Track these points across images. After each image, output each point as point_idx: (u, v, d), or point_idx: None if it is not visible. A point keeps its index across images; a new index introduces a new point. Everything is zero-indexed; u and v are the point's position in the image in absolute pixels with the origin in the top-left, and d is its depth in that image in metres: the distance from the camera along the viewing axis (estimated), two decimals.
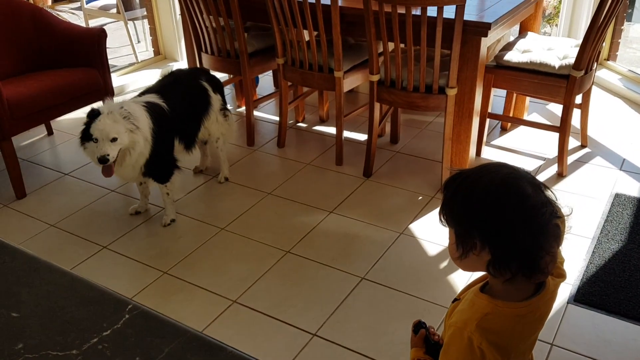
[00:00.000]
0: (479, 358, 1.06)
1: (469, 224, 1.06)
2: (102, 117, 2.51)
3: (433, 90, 2.86)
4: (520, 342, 1.11)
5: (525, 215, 1.01)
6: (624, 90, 4.03)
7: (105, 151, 2.51)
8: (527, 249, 1.01)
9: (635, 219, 2.74)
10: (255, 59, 3.50)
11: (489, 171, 1.07)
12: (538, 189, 1.05)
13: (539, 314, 1.11)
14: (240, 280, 2.48)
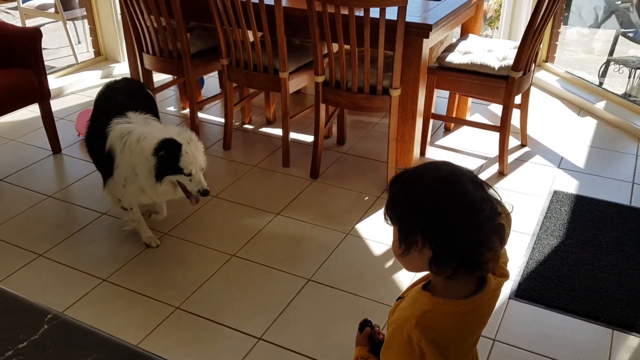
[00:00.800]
0: (417, 356, 1.06)
1: (410, 221, 1.06)
2: (187, 147, 2.35)
3: (377, 91, 2.88)
4: (460, 340, 1.11)
5: (465, 211, 1.02)
6: (561, 91, 4.17)
7: (205, 183, 2.40)
8: (467, 245, 1.02)
9: (573, 215, 2.83)
10: (198, 60, 3.44)
11: (431, 169, 1.08)
12: (479, 186, 1.06)
13: (480, 313, 1.12)
14: (183, 286, 2.42)
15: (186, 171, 2.35)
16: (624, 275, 2.42)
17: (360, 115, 3.95)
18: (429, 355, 1.06)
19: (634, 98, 4.24)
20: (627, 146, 3.51)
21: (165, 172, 2.37)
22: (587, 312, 2.24)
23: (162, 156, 2.34)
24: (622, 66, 4.51)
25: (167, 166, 2.35)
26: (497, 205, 1.06)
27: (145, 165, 2.38)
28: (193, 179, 2.38)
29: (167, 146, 2.33)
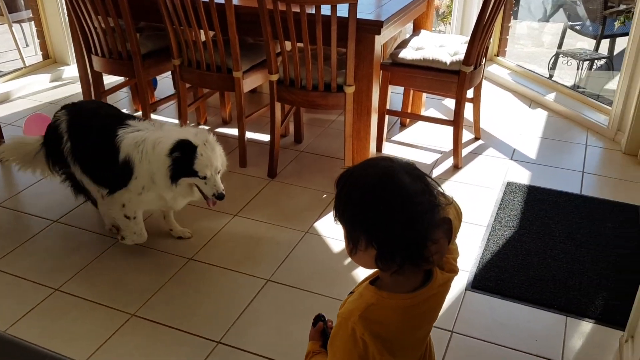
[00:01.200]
0: (361, 349, 1.06)
1: (352, 220, 1.06)
2: (202, 149, 2.26)
3: (332, 88, 2.87)
4: (405, 335, 1.12)
5: (401, 205, 1.02)
6: (513, 84, 4.26)
7: (221, 186, 2.32)
8: (409, 239, 1.02)
9: (526, 206, 2.89)
10: (149, 61, 3.37)
11: (369, 166, 1.08)
12: (418, 179, 1.05)
13: (426, 307, 1.12)
14: (139, 292, 2.37)
15: (201, 174, 2.28)
16: (575, 262, 2.48)
17: (316, 113, 3.94)
18: (372, 348, 1.06)
19: (583, 89, 4.36)
20: (577, 136, 3.61)
21: (181, 174, 2.29)
22: (541, 300, 2.29)
23: (177, 158, 2.27)
24: (570, 58, 4.64)
25: (182, 168, 2.28)
26: (438, 197, 1.06)
27: (162, 169, 2.30)
28: (208, 182, 2.31)
29: (182, 147, 2.26)
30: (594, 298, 2.28)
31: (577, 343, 2.10)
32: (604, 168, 3.26)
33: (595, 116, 3.71)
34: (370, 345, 1.05)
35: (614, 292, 2.31)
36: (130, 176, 2.36)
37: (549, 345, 2.09)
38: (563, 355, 2.05)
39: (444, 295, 1.15)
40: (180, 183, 2.32)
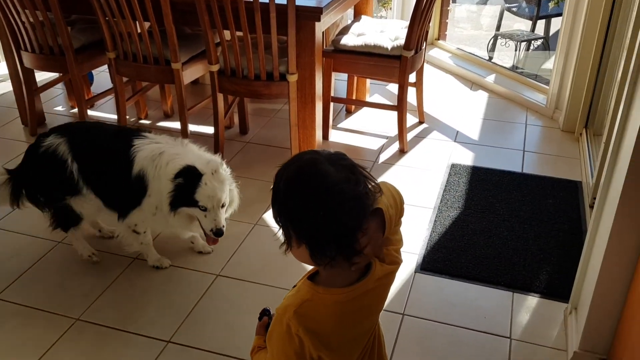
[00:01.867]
0: (297, 345, 1.05)
1: (279, 216, 1.05)
2: (207, 178, 2.07)
3: (274, 77, 2.83)
4: (344, 329, 1.09)
5: (322, 195, 0.99)
6: (454, 67, 4.32)
7: (221, 221, 2.12)
8: (335, 230, 1.00)
9: (470, 186, 2.94)
10: (83, 55, 3.23)
11: (294, 161, 1.06)
12: (343, 168, 1.02)
13: (365, 302, 1.10)
14: (82, 296, 2.28)
15: (201, 205, 2.09)
16: (520, 239, 2.54)
17: (261, 103, 3.89)
18: (308, 344, 1.05)
19: (521, 70, 4.47)
20: (517, 116, 3.70)
21: (181, 202, 2.11)
22: (488, 278, 2.34)
23: (180, 184, 2.09)
24: (508, 40, 4.74)
25: (183, 196, 2.10)
26: (366, 186, 1.03)
27: (164, 192, 2.13)
28: (208, 215, 2.11)
29: (186, 174, 2.07)
30: (538, 273, 2.35)
31: (524, 317, 2.15)
32: (544, 146, 3.36)
33: (533, 96, 3.80)
34: (305, 341, 1.04)
35: (557, 267, 2.38)
36: (144, 194, 2.18)
37: (497, 322, 2.14)
38: (511, 331, 2.10)
39: (386, 289, 1.14)
40: (180, 212, 2.15)
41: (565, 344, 2.02)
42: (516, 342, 2.05)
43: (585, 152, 3.12)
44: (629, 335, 1.70)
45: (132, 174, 2.16)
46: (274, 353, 1.09)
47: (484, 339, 2.07)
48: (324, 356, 1.07)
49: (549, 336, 2.07)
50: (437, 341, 2.06)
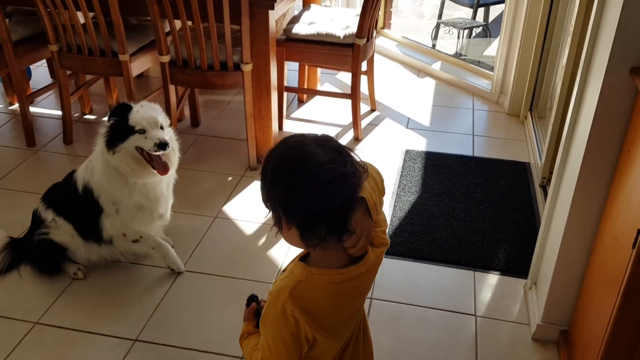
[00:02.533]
0: (293, 326, 1.05)
1: (268, 199, 1.06)
2: (137, 108, 2.04)
3: (228, 67, 2.79)
4: (336, 310, 1.11)
5: (309, 176, 1.00)
6: (400, 55, 4.38)
7: (162, 135, 2.02)
8: (324, 210, 1.01)
9: (425, 171, 3.00)
10: (23, 48, 3.07)
11: (280, 145, 1.06)
12: (329, 149, 1.03)
13: (357, 283, 1.11)
14: (40, 298, 2.19)
15: (138, 128, 2.01)
16: (476, 220, 2.62)
17: (212, 95, 3.83)
18: (304, 324, 1.05)
19: (465, 57, 4.59)
20: (464, 102, 3.80)
21: (117, 138, 2.03)
22: (449, 259, 2.40)
23: (113, 124, 2.05)
24: (451, 28, 4.85)
25: (118, 132, 2.03)
26: (352, 166, 1.04)
27: (100, 144, 2.09)
28: (148, 135, 2.02)
29: (117, 110, 2.04)
30: (497, 251, 2.43)
31: (487, 295, 2.23)
32: (491, 130, 3.47)
33: (479, 82, 3.92)
34: (301, 322, 1.05)
35: (513, 245, 2.48)
36: (94, 198, 2.16)
37: (461, 300, 2.20)
38: (475, 308, 2.17)
39: (375, 270, 1.15)
40: (121, 153, 2.04)
41: (527, 318, 2.11)
42: (481, 319, 2.12)
43: (531, 135, 3.25)
44: (588, 306, 1.79)
45: (80, 192, 2.17)
46: (268, 336, 1.09)
47: (450, 318, 2.13)
48: (319, 336, 1.07)
49: (512, 311, 2.15)
50: (406, 322, 2.11)
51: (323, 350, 1.12)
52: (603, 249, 1.69)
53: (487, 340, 2.03)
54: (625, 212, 1.53)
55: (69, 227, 2.25)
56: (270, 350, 1.09)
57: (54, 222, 2.24)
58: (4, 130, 3.41)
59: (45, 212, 2.25)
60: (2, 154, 3.17)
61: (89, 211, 2.19)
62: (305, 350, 1.10)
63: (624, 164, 1.60)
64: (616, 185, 1.64)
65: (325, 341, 1.09)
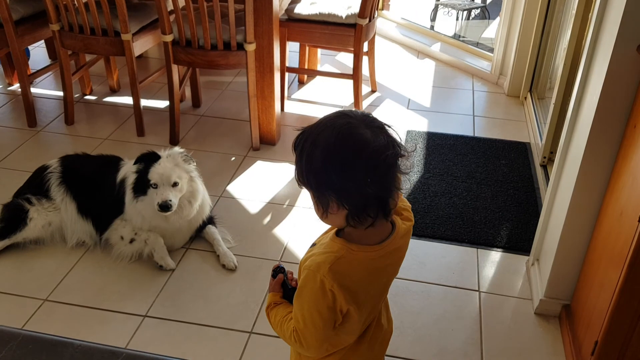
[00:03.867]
0: (330, 300, 1.07)
1: (318, 185, 1.03)
2: (163, 160, 2.16)
3: (232, 47, 2.79)
4: (370, 285, 1.13)
5: (367, 164, 0.99)
6: (400, 37, 4.39)
7: (167, 196, 2.11)
8: (380, 195, 1.01)
9: (427, 151, 3.03)
10: (23, 27, 3.05)
11: (326, 126, 1.03)
12: (378, 130, 1.02)
13: (390, 260, 1.12)
14: (48, 276, 2.20)
15: (152, 182, 2.15)
16: (478, 199, 2.66)
17: (212, 76, 3.82)
18: (340, 299, 1.07)
19: (464, 38, 4.60)
20: (464, 83, 3.82)
21: (140, 189, 2.19)
22: (452, 236, 2.44)
23: (138, 170, 2.20)
24: (450, 9, 4.85)
25: (139, 182, 2.19)
26: (400, 148, 1.04)
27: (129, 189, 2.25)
28: (158, 191, 2.15)
29: (144, 158, 2.18)
30: (499, 229, 2.47)
31: (490, 271, 2.27)
32: (491, 110, 3.49)
33: (478, 63, 3.93)
34: (338, 297, 1.06)
35: (515, 222, 2.52)
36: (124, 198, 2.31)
37: (465, 276, 2.24)
38: (479, 284, 2.21)
39: (406, 246, 1.17)
40: (143, 201, 2.20)
41: (529, 293, 2.15)
42: (485, 295, 2.16)
43: (531, 115, 3.28)
44: (591, 281, 1.83)
45: (117, 181, 2.31)
46: (304, 308, 1.10)
47: (454, 293, 2.17)
48: (352, 310, 1.09)
49: (514, 287, 2.19)
50: (411, 298, 2.14)
51: (353, 323, 1.14)
52: (607, 224, 1.73)
53: (491, 315, 2.07)
54: (630, 186, 1.57)
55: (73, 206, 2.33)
56: (305, 321, 1.11)
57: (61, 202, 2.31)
58: (4, 110, 3.40)
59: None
60: (3, 134, 3.16)
61: (111, 202, 2.28)
62: (339, 322, 1.12)
63: (630, 139, 1.63)
64: (622, 160, 1.67)
65: (357, 315, 1.11)
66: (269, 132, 3.03)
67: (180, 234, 2.32)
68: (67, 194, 2.36)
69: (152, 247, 2.26)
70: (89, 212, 2.35)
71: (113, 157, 2.42)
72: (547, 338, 1.98)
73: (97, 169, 2.40)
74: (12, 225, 2.30)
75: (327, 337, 1.12)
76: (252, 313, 2.06)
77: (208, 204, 2.37)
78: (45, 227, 2.33)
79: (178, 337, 1.97)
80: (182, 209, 2.21)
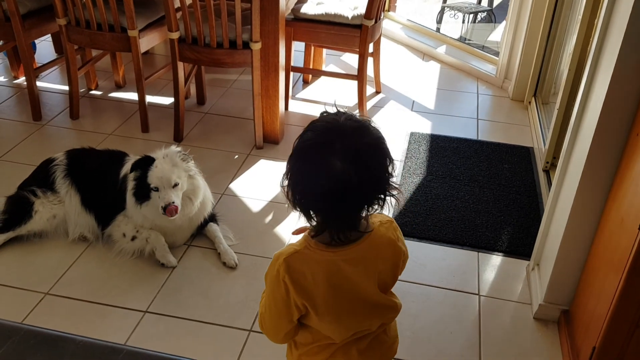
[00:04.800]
0: (282, 290, 1.10)
1: (294, 199, 1.08)
2: (159, 162, 2.14)
3: (237, 45, 2.79)
4: (330, 290, 1.10)
5: (332, 188, 1.02)
6: (405, 38, 4.39)
7: (170, 198, 2.11)
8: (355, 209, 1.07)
9: (430, 153, 3.03)
10: (30, 21, 3.07)
11: (308, 129, 1.09)
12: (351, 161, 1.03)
13: (359, 270, 1.11)
14: (50, 270, 2.22)
15: (153, 186, 2.13)
16: (480, 202, 2.66)
17: (217, 73, 3.83)
18: (293, 293, 1.10)
19: (469, 41, 4.60)
20: (468, 86, 3.82)
21: (142, 195, 2.18)
22: (454, 239, 2.44)
23: (136, 176, 2.19)
24: (456, 12, 4.85)
25: (139, 187, 2.18)
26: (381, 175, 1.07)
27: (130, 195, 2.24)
28: (160, 194, 2.14)
29: (140, 162, 2.17)
30: (500, 233, 2.47)
31: (490, 275, 2.27)
32: (496, 114, 3.49)
33: (483, 66, 3.93)
34: (290, 290, 1.09)
35: (517, 227, 2.52)
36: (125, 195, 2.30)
37: (465, 280, 2.25)
38: (479, 287, 2.21)
39: (382, 259, 1.14)
40: (147, 206, 2.19)
41: (529, 298, 2.16)
42: (484, 298, 2.16)
43: (535, 120, 3.28)
44: (591, 286, 1.83)
45: (119, 177, 2.31)
46: (266, 293, 1.17)
47: (454, 296, 2.17)
48: (308, 306, 1.11)
49: (514, 291, 2.20)
50: (410, 300, 2.15)
51: (315, 323, 1.14)
52: (608, 230, 1.73)
53: (490, 319, 2.08)
54: (632, 194, 1.57)
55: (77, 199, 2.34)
56: (265, 306, 1.18)
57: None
58: (10, 104, 3.42)
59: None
60: (8, 127, 3.18)
61: (114, 198, 2.29)
62: (296, 317, 1.13)
63: (632, 147, 1.63)
64: (624, 168, 1.67)
65: (316, 317, 1.11)
66: (272, 131, 3.03)
67: (181, 231, 2.32)
68: (72, 187, 2.37)
69: (153, 246, 2.27)
70: (92, 206, 2.36)
71: (119, 152, 2.43)
72: (546, 343, 1.99)
73: (102, 163, 2.41)
74: (16, 217, 2.32)
75: (281, 326, 1.16)
76: (252, 311, 2.07)
77: (210, 201, 2.37)
78: (50, 220, 2.34)
79: (178, 333, 1.98)
80: (184, 207, 2.22)
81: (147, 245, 2.28)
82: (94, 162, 2.42)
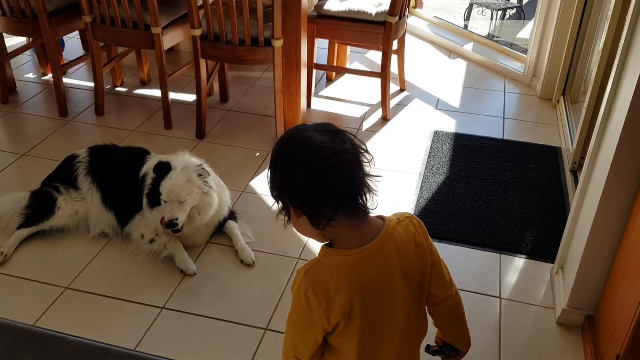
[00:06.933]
0: (305, 305, 1.08)
1: (275, 190, 1.08)
2: (175, 173, 2.11)
3: (259, 42, 2.79)
4: (360, 291, 1.08)
5: (304, 157, 1.02)
6: (432, 35, 4.33)
7: (174, 215, 2.10)
8: (326, 190, 1.02)
9: (454, 152, 2.98)
10: (57, 18, 3.11)
11: (281, 137, 1.10)
12: (328, 133, 1.05)
13: (387, 267, 1.09)
14: (70, 264, 2.24)
15: (162, 197, 2.12)
16: (504, 203, 2.60)
17: (241, 71, 3.84)
18: (314, 305, 1.07)
19: (497, 38, 4.51)
20: (495, 84, 3.74)
21: (155, 200, 2.17)
22: (475, 240, 2.39)
23: (153, 179, 2.17)
24: (484, 8, 4.76)
25: (153, 191, 2.17)
26: (353, 145, 1.05)
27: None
28: (166, 207, 2.12)
29: (158, 167, 2.15)
30: (524, 235, 2.41)
31: (512, 278, 2.22)
32: (522, 113, 3.42)
33: (511, 64, 3.85)
34: (312, 302, 1.07)
35: (541, 228, 2.45)
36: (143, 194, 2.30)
37: (487, 282, 2.20)
38: (500, 290, 2.16)
39: (408, 253, 1.12)
40: (159, 211, 2.18)
41: (552, 302, 2.09)
42: (506, 301, 2.11)
43: (563, 119, 3.19)
44: (616, 292, 1.77)
45: (139, 175, 2.30)
46: (292, 306, 1.14)
47: (475, 299, 2.13)
48: (333, 316, 1.08)
49: (537, 295, 2.14)
50: None
51: (345, 342, 1.12)
52: (635, 234, 1.66)
53: (511, 323, 2.03)
54: None
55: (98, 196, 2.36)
56: (290, 322, 1.15)
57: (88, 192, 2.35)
58: (37, 100, 3.48)
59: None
60: (35, 123, 3.23)
61: (133, 196, 2.28)
62: (320, 336, 1.11)
63: None
64: None
65: (343, 330, 1.10)
66: None
67: (199, 233, 2.33)
68: (94, 184, 2.39)
69: (171, 252, 2.26)
70: (113, 203, 2.38)
71: (140, 150, 2.44)
72: (568, 349, 1.93)
73: (123, 160, 2.42)
74: (40, 212, 2.35)
75: (308, 342, 1.13)
76: (269, 309, 2.06)
77: (227, 205, 2.35)
78: (72, 216, 2.37)
79: (194, 330, 1.99)
80: (192, 219, 2.20)
81: (165, 250, 2.27)
82: (114, 160, 2.44)
